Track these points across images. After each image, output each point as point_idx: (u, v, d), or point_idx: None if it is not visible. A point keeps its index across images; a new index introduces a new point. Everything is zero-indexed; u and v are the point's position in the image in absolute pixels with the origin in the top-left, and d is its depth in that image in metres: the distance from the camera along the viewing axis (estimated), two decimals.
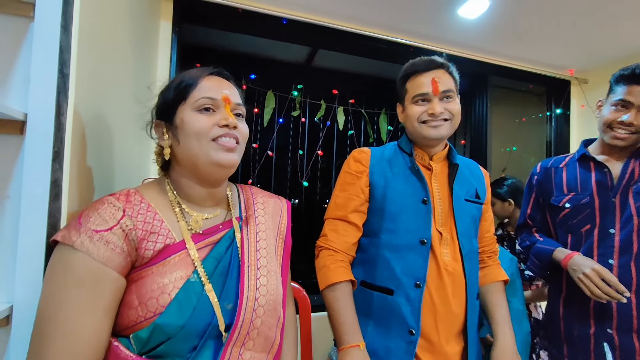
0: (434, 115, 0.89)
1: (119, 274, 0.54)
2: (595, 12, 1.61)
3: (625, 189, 1.01)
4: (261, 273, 0.65)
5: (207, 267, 0.60)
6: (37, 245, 0.55)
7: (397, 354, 0.83)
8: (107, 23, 0.82)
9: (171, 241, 0.59)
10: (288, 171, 2.29)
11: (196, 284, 0.57)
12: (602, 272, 0.94)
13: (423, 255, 0.87)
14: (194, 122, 0.60)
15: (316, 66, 2.35)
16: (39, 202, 0.55)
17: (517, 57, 2.11)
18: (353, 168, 0.97)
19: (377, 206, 0.93)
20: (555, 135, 2.40)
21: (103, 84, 0.80)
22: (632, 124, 0.98)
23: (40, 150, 0.55)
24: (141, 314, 0.54)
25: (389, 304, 0.86)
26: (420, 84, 0.91)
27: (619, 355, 0.96)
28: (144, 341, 0.53)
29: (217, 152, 0.61)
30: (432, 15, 1.68)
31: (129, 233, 0.55)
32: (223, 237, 0.65)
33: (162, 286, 0.55)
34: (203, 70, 0.66)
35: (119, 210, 0.56)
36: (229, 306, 0.59)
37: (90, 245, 0.52)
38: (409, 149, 0.98)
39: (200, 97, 0.61)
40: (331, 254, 0.90)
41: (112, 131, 0.88)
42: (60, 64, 0.57)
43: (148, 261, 0.57)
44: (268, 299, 0.64)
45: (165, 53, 1.51)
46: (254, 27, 1.71)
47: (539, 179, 1.20)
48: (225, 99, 0.63)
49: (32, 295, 0.54)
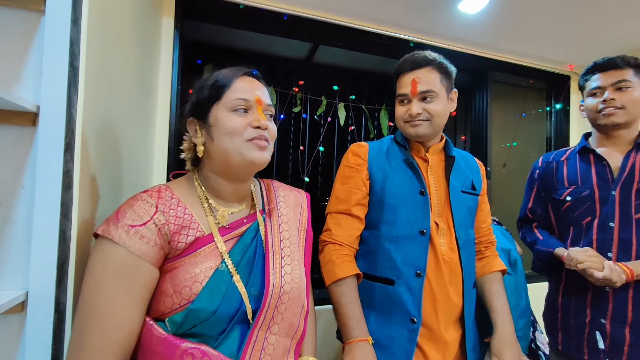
0: (411, 116, 0.92)
1: (152, 265, 0.58)
2: (594, 7, 1.61)
3: (626, 183, 1.02)
4: (285, 262, 0.69)
5: (234, 257, 0.64)
6: (50, 233, 0.56)
7: (400, 342, 0.85)
8: (113, 18, 0.83)
9: (201, 234, 0.63)
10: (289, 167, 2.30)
11: (225, 272, 0.62)
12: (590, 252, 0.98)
13: (423, 245, 0.89)
14: (228, 122, 0.64)
15: (317, 62, 2.36)
16: (51, 191, 0.56)
17: (517, 52, 2.12)
18: (352, 161, 0.99)
19: (376, 199, 0.95)
20: (555, 130, 2.41)
21: (110, 78, 0.81)
22: (613, 99, 1.05)
23: (53, 141, 0.57)
24: (176, 301, 0.58)
25: (390, 294, 0.88)
26: (402, 84, 0.95)
27: (608, 344, 0.99)
28: (178, 324, 0.58)
29: (250, 151, 0.64)
30: (432, 10, 1.69)
31: (162, 227, 0.60)
32: (248, 229, 0.69)
33: (194, 275, 0.59)
34: (236, 70, 0.69)
35: (152, 207, 0.61)
36: (255, 292, 0.63)
37: (127, 239, 0.56)
38: (405, 141, 1.00)
39: (235, 98, 0.64)
40: (336, 248, 0.91)
41: (119, 123, 0.90)
42: (71, 57, 0.58)
43: (180, 253, 0.61)
44: (292, 287, 0.67)
45: (167, 49, 1.52)
46: (255, 23, 1.72)
47: (540, 172, 1.22)
48: (258, 100, 0.66)
49: (46, 282, 0.56)
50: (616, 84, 1.05)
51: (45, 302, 0.56)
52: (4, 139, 0.55)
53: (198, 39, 2.05)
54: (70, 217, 0.60)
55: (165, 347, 0.56)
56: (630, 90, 1.04)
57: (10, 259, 0.56)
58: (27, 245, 0.56)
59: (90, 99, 0.67)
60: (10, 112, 0.55)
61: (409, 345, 0.85)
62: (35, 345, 0.55)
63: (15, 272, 0.56)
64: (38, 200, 0.56)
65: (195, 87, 0.69)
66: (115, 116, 0.86)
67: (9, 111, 0.54)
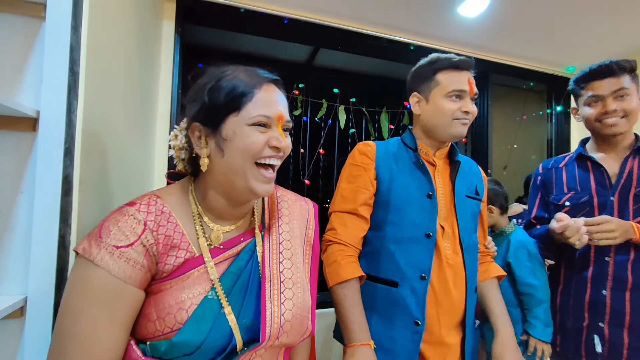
0: (467, 113, 0.92)
1: (138, 288, 0.53)
2: (594, 10, 1.62)
3: (624, 189, 1.02)
4: (285, 286, 0.62)
5: (225, 283, 0.58)
6: (49, 239, 0.56)
7: (403, 344, 0.84)
8: (113, 24, 0.84)
9: (191, 255, 0.58)
10: (290, 170, 2.30)
11: (213, 301, 0.56)
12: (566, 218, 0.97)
13: (428, 248, 0.89)
14: (248, 137, 0.56)
15: (317, 65, 2.37)
16: (51, 197, 0.57)
17: (517, 55, 2.12)
18: (359, 160, 0.96)
19: (382, 199, 0.93)
20: (556, 132, 2.41)
21: (110, 83, 0.82)
22: (615, 111, 1.03)
23: (52, 146, 0.57)
24: (159, 329, 0.53)
25: (393, 296, 0.87)
26: (459, 81, 0.92)
27: (607, 347, 0.98)
28: (160, 352, 0.53)
29: (256, 182, 0.58)
30: (432, 13, 1.69)
31: (150, 248, 0.54)
32: (243, 250, 0.63)
33: (179, 302, 0.54)
34: (258, 77, 0.59)
35: (139, 224, 0.54)
36: (247, 323, 0.57)
37: (111, 262, 0.50)
38: (414, 144, 0.99)
39: (257, 115, 0.56)
40: (341, 248, 0.89)
41: (119, 128, 0.90)
42: (71, 63, 0.58)
43: (168, 275, 0.56)
44: (295, 313, 0.60)
45: (168, 53, 1.53)
46: (256, 27, 1.72)
47: (542, 179, 1.23)
48: (280, 117, 0.59)
49: (45, 287, 0.56)
50: (616, 93, 1.02)
51: (44, 307, 0.56)
52: (4, 145, 0.56)
53: (199, 42, 2.06)
54: (69, 222, 0.60)
55: None
56: (629, 98, 1.02)
57: (9, 264, 0.56)
58: (26, 250, 0.56)
59: (90, 104, 0.68)
60: (10, 118, 0.55)
61: (413, 347, 0.84)
62: (34, 350, 0.56)
63: (14, 278, 0.56)
64: (37, 206, 0.56)
65: (204, 87, 0.58)
66: (115, 121, 0.87)
67: (9, 117, 0.55)
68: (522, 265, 1.18)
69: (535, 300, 1.13)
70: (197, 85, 0.60)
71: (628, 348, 0.96)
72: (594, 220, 0.95)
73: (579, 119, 1.15)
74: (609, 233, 0.93)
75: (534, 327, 1.11)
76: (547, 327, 1.10)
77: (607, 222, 0.93)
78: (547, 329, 1.10)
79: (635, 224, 0.95)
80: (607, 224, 0.93)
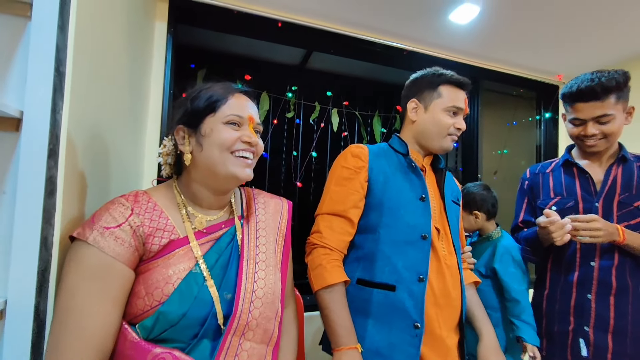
0: (459, 130, 0.96)
1: (127, 267, 0.59)
2: (584, 19, 1.65)
3: (609, 195, 1.05)
4: (259, 267, 0.70)
5: (208, 260, 0.65)
6: (31, 241, 0.55)
7: (402, 348, 0.84)
8: (103, 23, 0.83)
9: (176, 237, 0.65)
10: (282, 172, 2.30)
11: (198, 275, 0.63)
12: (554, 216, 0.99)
13: (424, 249, 0.89)
14: (223, 133, 0.66)
15: (310, 68, 2.37)
16: (34, 198, 0.56)
17: (507, 62, 2.16)
18: (351, 163, 0.95)
19: (375, 202, 0.93)
20: (545, 138, 2.45)
21: (98, 84, 0.81)
22: (594, 135, 1.04)
23: (36, 147, 0.56)
24: (147, 303, 0.59)
25: (391, 300, 0.86)
26: (458, 98, 0.96)
27: (592, 351, 1.00)
28: (149, 329, 0.58)
29: (235, 166, 0.66)
30: (424, 20, 1.71)
31: (137, 229, 0.61)
32: (225, 234, 0.70)
33: (166, 277, 0.60)
34: (231, 88, 0.72)
35: (127, 209, 0.62)
36: (228, 296, 0.64)
37: (102, 241, 0.57)
38: (405, 149, 0.99)
39: (230, 114, 0.67)
40: (327, 252, 0.88)
41: (107, 130, 0.89)
42: (57, 63, 0.58)
43: (154, 255, 0.62)
44: (266, 292, 0.68)
45: (160, 54, 1.52)
46: (249, 29, 1.72)
47: (529, 184, 1.25)
48: (251, 118, 0.70)
49: (26, 290, 0.55)
50: (597, 118, 1.02)
51: (24, 311, 0.55)
52: None
53: (191, 44, 2.05)
54: (52, 224, 0.59)
55: (137, 352, 0.56)
56: (611, 123, 1.02)
57: None
58: (7, 252, 0.55)
59: (77, 104, 0.67)
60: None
61: (412, 351, 0.83)
62: (14, 355, 0.54)
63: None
64: (19, 207, 0.55)
65: (188, 97, 0.71)
66: (104, 121, 0.86)
67: None
68: (507, 271, 1.19)
69: (521, 306, 1.14)
70: (181, 99, 0.73)
71: (612, 352, 0.97)
72: (581, 217, 0.97)
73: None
74: (594, 231, 0.95)
75: (526, 332, 1.12)
76: (534, 331, 1.13)
77: (594, 221, 0.95)
78: (535, 333, 1.13)
79: (620, 227, 0.98)
80: (594, 222, 0.95)
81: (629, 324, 0.98)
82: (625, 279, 1.00)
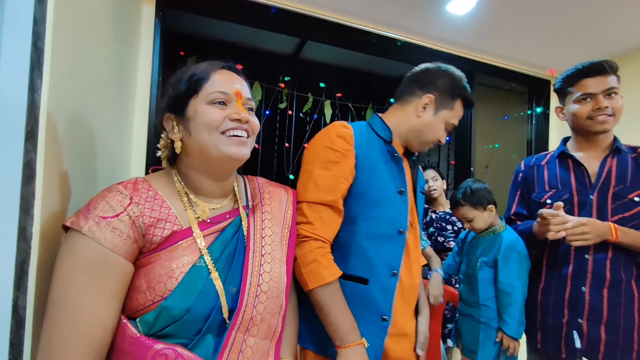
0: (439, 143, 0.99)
1: (125, 259, 0.55)
2: (578, 14, 1.65)
3: (603, 187, 1.05)
4: (265, 260, 0.66)
5: (213, 252, 0.62)
6: (8, 231, 0.51)
7: (368, 340, 0.82)
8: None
9: (178, 228, 0.61)
10: (274, 164, 2.26)
11: (202, 268, 0.59)
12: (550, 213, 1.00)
13: (399, 245, 0.88)
14: (207, 114, 0.61)
15: (304, 58, 2.33)
16: (10, 185, 0.51)
17: (501, 56, 2.15)
18: (338, 145, 0.86)
19: (358, 191, 0.87)
20: (536, 133, 2.47)
21: (82, 63, 0.76)
22: (607, 107, 1.05)
23: (12, 129, 0.52)
24: (149, 298, 0.56)
25: (363, 293, 0.84)
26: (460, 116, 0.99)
27: (585, 343, 1.01)
28: (150, 324, 0.55)
29: (228, 146, 0.62)
30: (421, 9, 1.68)
31: (136, 220, 0.57)
32: (230, 224, 0.67)
33: (169, 271, 0.57)
34: (214, 64, 0.67)
35: (126, 198, 0.57)
36: (233, 290, 0.61)
37: (97, 231, 0.53)
38: (389, 136, 0.93)
39: (213, 91, 0.62)
40: (321, 246, 0.82)
41: (93, 113, 0.84)
42: (34, 37, 0.53)
43: (156, 247, 0.58)
44: (271, 286, 0.65)
45: (147, 38, 1.45)
46: (241, 15, 1.66)
47: (523, 176, 1.24)
48: (237, 93, 0.64)
49: (3, 284, 0.51)
50: (607, 91, 1.04)
51: (1, 305, 0.51)
52: None
53: (181, 30, 1.98)
54: (31, 213, 0.55)
55: (137, 348, 0.53)
56: (618, 97, 1.05)
57: None
58: None
59: (58, 84, 0.62)
60: None
61: (377, 342, 0.84)
62: None
63: None
64: None
65: (172, 82, 0.66)
66: (88, 103, 0.80)
67: None
68: (509, 265, 1.18)
69: (512, 299, 1.14)
70: (167, 85, 0.68)
71: (605, 344, 0.98)
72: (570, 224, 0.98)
73: (563, 117, 1.16)
74: (581, 235, 0.97)
75: (508, 324, 1.12)
76: (520, 326, 1.13)
77: (581, 226, 0.97)
78: (520, 327, 1.13)
79: (613, 225, 0.98)
80: (581, 227, 0.97)
81: (621, 316, 0.99)
82: (619, 272, 1.00)
